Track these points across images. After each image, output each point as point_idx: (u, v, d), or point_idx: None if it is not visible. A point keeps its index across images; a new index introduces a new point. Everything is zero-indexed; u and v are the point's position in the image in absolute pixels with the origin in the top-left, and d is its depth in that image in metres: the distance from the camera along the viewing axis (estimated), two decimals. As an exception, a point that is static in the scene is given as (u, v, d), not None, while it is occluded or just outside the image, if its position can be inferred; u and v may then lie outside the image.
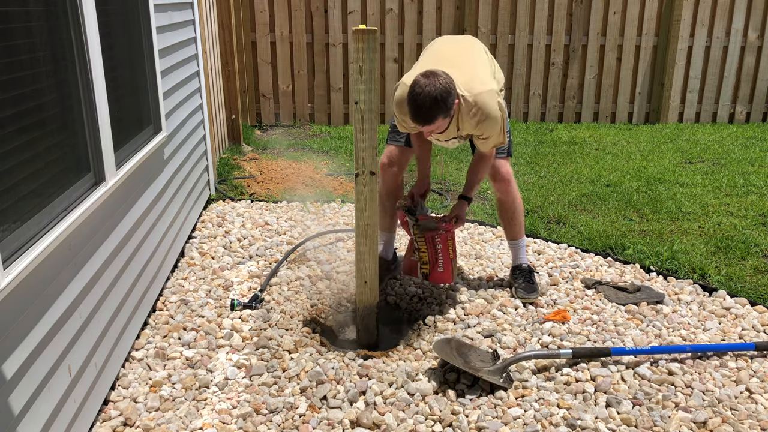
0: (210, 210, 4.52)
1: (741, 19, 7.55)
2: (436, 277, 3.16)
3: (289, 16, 7.19)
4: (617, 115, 7.82)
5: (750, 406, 2.39)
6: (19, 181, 1.84)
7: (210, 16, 5.40)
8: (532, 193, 4.96)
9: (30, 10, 1.96)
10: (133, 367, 2.60)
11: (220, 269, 3.50)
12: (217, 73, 5.71)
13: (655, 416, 2.30)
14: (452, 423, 2.27)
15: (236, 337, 2.81)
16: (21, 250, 1.76)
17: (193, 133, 4.32)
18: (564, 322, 2.97)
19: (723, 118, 7.89)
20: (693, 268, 3.59)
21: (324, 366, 2.57)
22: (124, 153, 2.74)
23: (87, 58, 2.29)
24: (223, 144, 5.98)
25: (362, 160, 2.64)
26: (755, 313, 3.09)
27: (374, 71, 2.54)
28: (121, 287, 2.59)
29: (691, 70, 7.67)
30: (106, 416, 2.30)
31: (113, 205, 2.56)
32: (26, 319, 1.78)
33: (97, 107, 2.35)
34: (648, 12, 7.49)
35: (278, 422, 2.27)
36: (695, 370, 2.61)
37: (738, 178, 5.35)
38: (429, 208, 3.36)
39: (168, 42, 3.65)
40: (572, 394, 2.44)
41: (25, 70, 1.90)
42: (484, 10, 7.38)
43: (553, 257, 3.74)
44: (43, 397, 1.85)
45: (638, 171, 5.60)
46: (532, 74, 7.61)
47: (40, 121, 1.99)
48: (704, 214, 4.48)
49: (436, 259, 3.12)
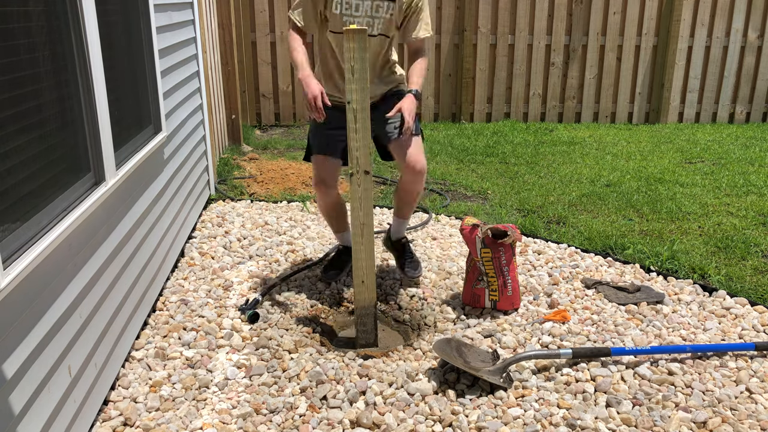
0: (210, 210, 4.52)
1: (741, 19, 7.55)
2: (505, 303, 3.05)
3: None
4: (617, 115, 7.82)
5: (750, 406, 2.39)
6: (20, 180, 1.84)
7: (210, 16, 5.40)
8: (532, 193, 4.96)
9: (30, 10, 1.96)
10: (133, 367, 2.60)
11: (220, 269, 3.50)
12: (217, 73, 5.71)
13: (655, 416, 2.30)
14: (452, 423, 2.27)
15: (236, 337, 2.81)
16: (21, 250, 1.76)
17: (193, 133, 4.32)
18: (564, 322, 2.97)
19: (723, 118, 7.89)
20: (693, 268, 3.59)
21: (324, 366, 2.57)
22: (124, 153, 2.74)
23: (87, 58, 2.29)
24: (223, 144, 5.98)
25: (356, 159, 2.65)
26: (755, 313, 3.09)
27: (366, 70, 2.55)
28: (121, 287, 2.59)
29: (691, 70, 7.68)
30: (106, 416, 2.30)
31: (113, 205, 2.56)
32: (26, 319, 1.78)
33: (97, 107, 2.35)
34: (648, 12, 7.49)
35: (278, 422, 2.27)
36: (695, 370, 2.61)
37: (738, 178, 5.35)
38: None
39: (168, 42, 3.65)
40: (572, 394, 2.44)
41: (24, 70, 1.90)
42: (484, 10, 7.38)
43: (553, 257, 3.74)
44: (43, 397, 1.85)
45: (638, 171, 5.60)
46: (532, 74, 7.61)
47: (40, 121, 1.99)
48: (704, 214, 4.48)
49: (505, 282, 3.02)
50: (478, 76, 7.55)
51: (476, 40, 7.45)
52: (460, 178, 5.40)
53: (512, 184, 5.24)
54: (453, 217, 4.47)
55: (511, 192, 5.01)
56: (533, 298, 3.23)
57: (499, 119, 7.70)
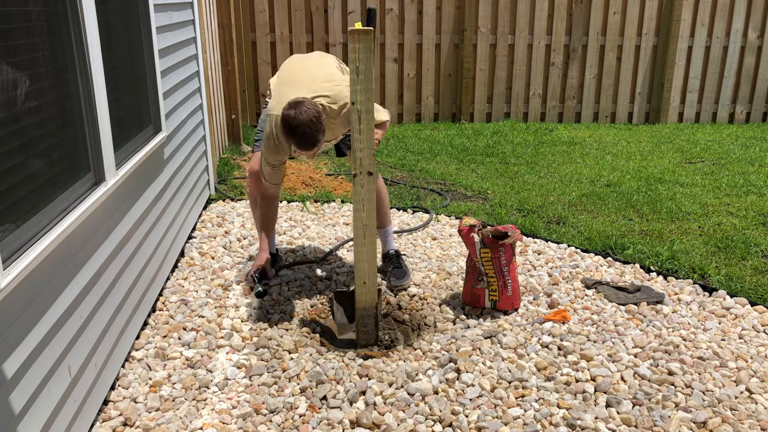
0: (210, 210, 4.52)
1: (741, 19, 7.55)
2: (505, 303, 3.06)
3: (289, 16, 7.19)
4: (617, 115, 7.82)
5: (750, 406, 2.39)
6: (20, 180, 1.84)
7: (210, 16, 5.40)
8: (532, 193, 4.96)
9: (30, 10, 1.96)
10: (133, 367, 2.60)
11: (220, 269, 3.49)
12: (217, 73, 5.71)
13: (655, 416, 2.30)
14: (452, 423, 2.27)
15: (236, 337, 2.81)
16: (21, 250, 1.76)
17: (193, 133, 4.32)
18: (564, 322, 2.97)
19: (723, 118, 7.89)
20: (693, 268, 3.59)
21: (324, 366, 2.57)
22: (124, 153, 2.74)
23: (87, 58, 2.29)
24: (223, 144, 5.98)
25: (359, 160, 2.64)
26: (755, 313, 3.09)
27: (371, 71, 2.54)
28: (121, 287, 2.59)
29: (691, 70, 7.68)
30: (106, 416, 2.30)
31: (113, 205, 2.56)
32: (26, 319, 1.78)
33: (97, 107, 2.35)
34: (648, 12, 7.49)
35: (278, 422, 2.27)
36: (695, 370, 2.61)
37: (738, 178, 5.35)
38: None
39: (168, 42, 3.65)
40: (572, 394, 2.44)
41: (25, 70, 1.90)
42: (484, 10, 7.38)
43: (553, 257, 3.74)
44: (43, 397, 1.85)
45: (638, 171, 5.60)
46: (532, 74, 7.61)
47: (40, 121, 1.99)
48: (704, 214, 4.48)
49: (505, 283, 3.03)
50: (478, 76, 7.55)
51: (476, 40, 7.45)
52: (460, 178, 5.40)
53: (512, 184, 5.24)
54: (453, 217, 4.47)
55: (511, 192, 5.01)
56: (533, 298, 3.23)
57: (499, 119, 7.70)
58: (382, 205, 3.39)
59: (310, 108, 2.78)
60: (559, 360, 2.67)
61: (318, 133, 2.80)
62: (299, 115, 2.75)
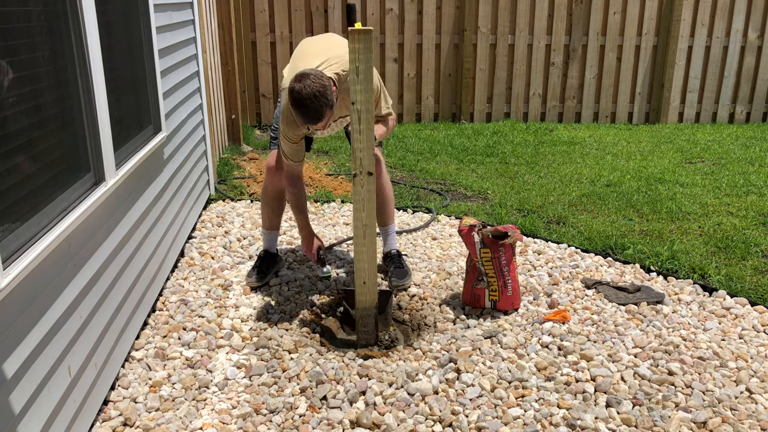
0: (210, 210, 4.52)
1: (741, 19, 7.55)
2: (505, 303, 3.06)
3: (289, 16, 7.19)
4: (617, 115, 7.82)
5: (750, 406, 2.39)
6: (19, 180, 1.84)
7: (210, 16, 5.40)
8: (532, 193, 4.96)
9: (30, 10, 1.96)
10: (133, 367, 2.60)
11: (220, 269, 3.49)
12: (217, 73, 5.70)
13: (655, 416, 2.30)
14: (452, 423, 2.27)
15: (236, 337, 2.81)
16: (21, 250, 1.76)
17: (193, 133, 4.32)
18: (564, 322, 2.97)
19: (723, 118, 7.89)
20: (693, 268, 3.59)
21: (324, 366, 2.57)
22: (124, 153, 2.73)
23: (87, 57, 2.29)
24: (223, 144, 5.98)
25: (359, 160, 2.64)
26: (755, 313, 3.09)
27: (371, 71, 2.54)
28: (120, 287, 2.59)
29: (691, 70, 7.68)
30: (106, 416, 2.30)
31: (113, 205, 2.56)
32: (26, 319, 1.78)
33: (97, 107, 2.35)
34: (648, 12, 7.49)
35: (278, 422, 2.27)
36: (695, 370, 2.61)
37: (738, 178, 5.35)
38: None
39: (168, 42, 3.65)
40: (572, 394, 2.44)
41: (25, 70, 1.90)
42: (484, 10, 7.38)
43: (553, 257, 3.74)
44: (43, 397, 1.85)
45: (638, 171, 5.60)
46: (532, 74, 7.61)
47: (40, 121, 1.99)
48: (704, 214, 4.48)
49: (505, 283, 3.02)
50: (478, 76, 7.55)
51: (476, 40, 7.45)
52: (460, 178, 5.40)
53: (512, 184, 5.24)
54: (453, 217, 4.47)
55: (511, 192, 5.01)
56: (533, 298, 3.23)
57: (499, 119, 7.70)
58: (387, 202, 3.39)
59: (314, 81, 2.70)
60: (559, 360, 2.67)
61: (323, 106, 2.71)
62: (303, 89, 2.69)
